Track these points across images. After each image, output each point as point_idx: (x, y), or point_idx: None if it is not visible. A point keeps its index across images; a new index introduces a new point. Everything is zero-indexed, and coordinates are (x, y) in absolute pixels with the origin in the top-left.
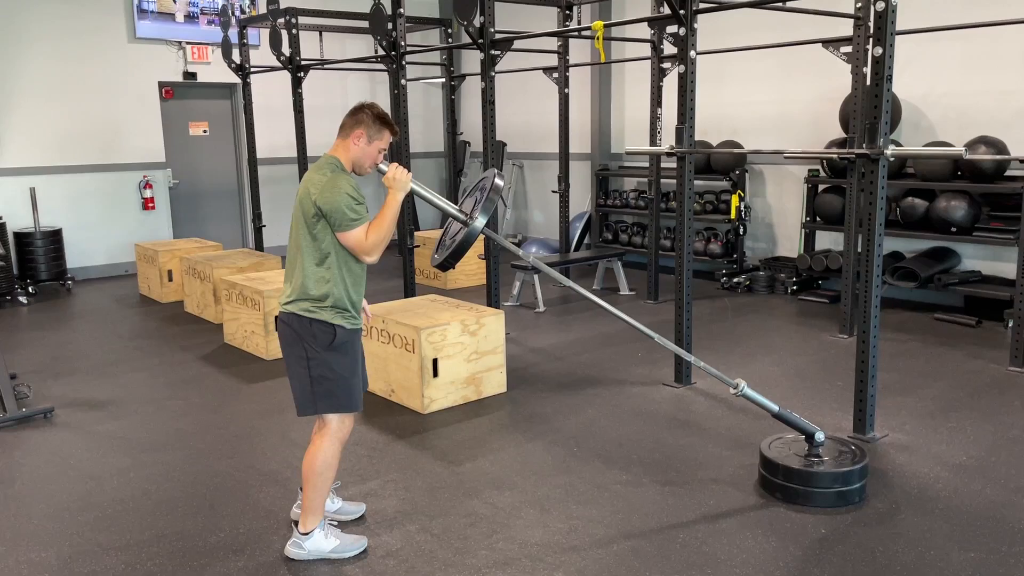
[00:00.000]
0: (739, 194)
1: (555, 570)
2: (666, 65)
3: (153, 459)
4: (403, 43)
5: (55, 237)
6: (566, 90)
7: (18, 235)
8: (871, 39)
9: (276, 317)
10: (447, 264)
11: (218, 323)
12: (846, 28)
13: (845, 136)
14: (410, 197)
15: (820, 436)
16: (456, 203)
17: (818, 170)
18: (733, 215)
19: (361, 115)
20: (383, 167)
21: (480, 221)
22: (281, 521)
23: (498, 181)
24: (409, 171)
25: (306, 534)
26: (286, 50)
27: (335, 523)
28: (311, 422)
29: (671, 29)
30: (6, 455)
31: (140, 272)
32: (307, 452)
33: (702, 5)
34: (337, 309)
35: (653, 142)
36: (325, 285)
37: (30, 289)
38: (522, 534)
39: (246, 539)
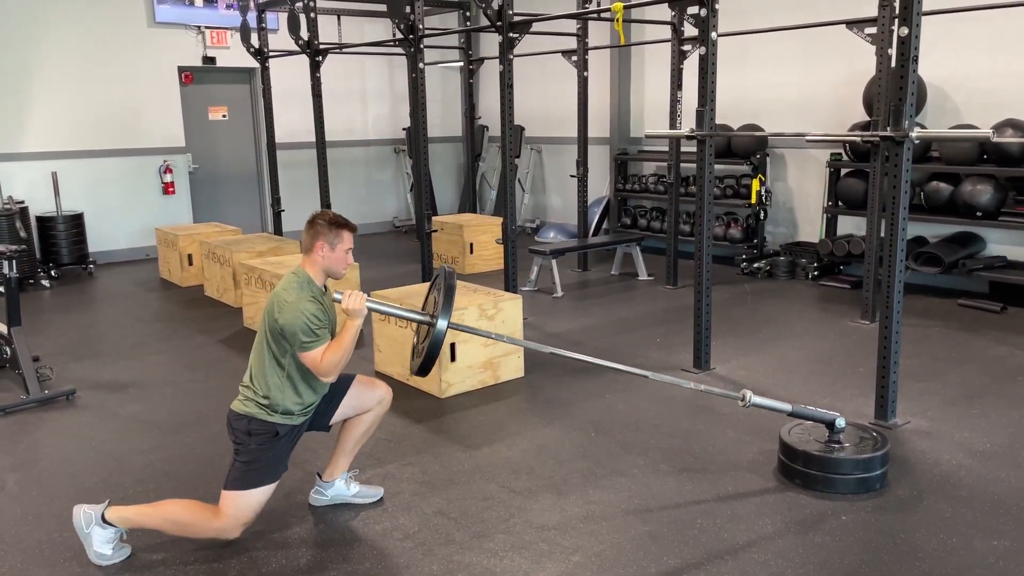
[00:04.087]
0: (760, 178)
1: (572, 554)
2: (687, 47)
3: (174, 440)
4: (421, 26)
5: (77, 221)
6: (585, 73)
7: (40, 219)
8: (896, 19)
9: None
10: (424, 370)
11: (237, 307)
12: (870, 8)
13: (869, 119)
14: None
15: (840, 422)
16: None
17: (841, 154)
18: (754, 199)
19: (316, 227)
20: (338, 296)
21: (442, 323)
22: (299, 503)
23: (451, 282)
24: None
25: (106, 521)
26: (304, 34)
27: (363, 501)
28: None
29: (692, 10)
30: (29, 436)
31: (160, 256)
32: (190, 504)
33: None
34: (285, 415)
35: (673, 125)
36: (277, 392)
37: (52, 273)
38: (539, 518)
39: (264, 520)
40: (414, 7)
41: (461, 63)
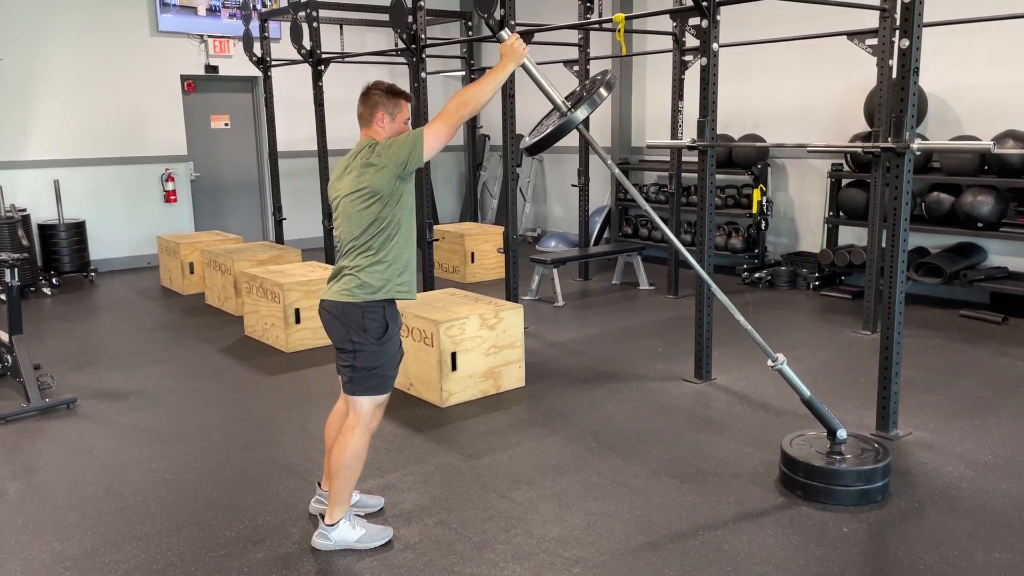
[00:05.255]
0: (761, 188)
1: (573, 565)
2: (688, 58)
3: (174, 450)
4: (423, 36)
5: (79, 229)
6: (586, 83)
7: (42, 227)
8: (897, 31)
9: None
10: (534, 149)
11: (238, 315)
12: (871, 20)
13: (870, 130)
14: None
15: (842, 433)
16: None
17: (842, 164)
18: (755, 209)
19: (373, 97)
20: (504, 35)
21: (580, 113)
22: (300, 513)
23: (609, 79)
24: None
25: (332, 525)
26: (307, 43)
27: (361, 514)
28: (328, 414)
29: (693, 21)
30: (30, 445)
31: (162, 264)
32: (336, 444)
33: None
34: (398, 285)
35: (674, 135)
36: (379, 267)
37: (54, 280)
38: (540, 529)
39: (265, 531)
40: (416, 17)
41: (463, 72)
